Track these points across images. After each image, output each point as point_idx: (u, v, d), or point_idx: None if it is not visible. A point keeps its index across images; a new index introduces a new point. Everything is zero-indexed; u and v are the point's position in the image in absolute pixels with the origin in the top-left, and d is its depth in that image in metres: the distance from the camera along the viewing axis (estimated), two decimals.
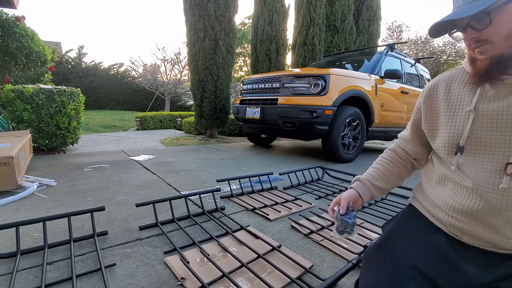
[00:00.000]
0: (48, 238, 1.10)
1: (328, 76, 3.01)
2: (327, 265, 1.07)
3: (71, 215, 1.18)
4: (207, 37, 4.89)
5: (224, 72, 5.10)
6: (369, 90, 3.34)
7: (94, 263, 1.02)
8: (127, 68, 16.19)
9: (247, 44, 17.26)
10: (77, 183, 2.02)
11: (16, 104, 2.84)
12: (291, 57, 6.29)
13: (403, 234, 0.68)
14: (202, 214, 1.50)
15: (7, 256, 1.02)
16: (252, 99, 3.71)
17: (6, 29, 3.68)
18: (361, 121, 3.32)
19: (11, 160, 1.72)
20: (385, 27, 22.77)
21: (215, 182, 2.02)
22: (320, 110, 2.95)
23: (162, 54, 20.80)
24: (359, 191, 0.79)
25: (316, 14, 5.70)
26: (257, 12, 5.79)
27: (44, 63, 4.16)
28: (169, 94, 14.32)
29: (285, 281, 0.94)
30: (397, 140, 0.88)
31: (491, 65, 0.55)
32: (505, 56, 0.53)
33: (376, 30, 6.79)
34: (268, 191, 1.96)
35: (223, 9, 4.90)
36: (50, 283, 0.89)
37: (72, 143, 3.49)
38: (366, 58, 4.04)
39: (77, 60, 15.23)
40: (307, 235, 1.30)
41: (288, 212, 1.58)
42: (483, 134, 0.58)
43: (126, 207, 1.58)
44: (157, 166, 2.67)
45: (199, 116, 5.29)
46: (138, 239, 1.21)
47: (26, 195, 1.71)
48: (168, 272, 0.98)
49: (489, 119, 0.58)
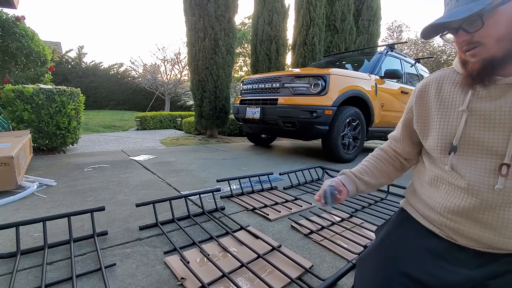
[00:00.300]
0: (48, 238, 1.10)
1: (328, 76, 3.01)
2: (327, 265, 1.07)
3: (71, 215, 1.18)
4: (207, 37, 4.89)
5: (224, 72, 5.10)
6: (369, 90, 3.34)
7: (94, 263, 1.02)
8: (127, 68, 16.21)
9: (247, 44, 17.26)
10: (77, 183, 2.02)
11: (16, 104, 2.84)
12: (291, 57, 6.29)
13: (395, 240, 0.68)
14: (202, 214, 1.50)
15: (7, 256, 1.02)
16: (252, 99, 3.71)
17: (6, 29, 3.68)
18: (361, 121, 3.32)
19: (11, 160, 1.72)
20: (385, 27, 22.82)
21: (215, 182, 2.02)
22: (320, 110, 2.95)
23: (162, 54, 20.84)
24: (342, 180, 0.81)
25: (316, 14, 5.70)
26: (257, 12, 5.79)
27: (44, 63, 4.16)
28: (169, 94, 14.32)
29: (285, 281, 0.94)
30: (387, 141, 0.88)
31: (483, 67, 0.55)
32: (496, 59, 0.54)
33: (376, 30, 6.79)
34: (268, 191, 1.96)
35: (223, 9, 4.90)
36: (50, 283, 0.89)
37: (72, 143, 3.49)
38: (366, 58, 4.04)
39: (77, 60, 15.23)
40: (307, 235, 1.30)
41: (288, 212, 1.58)
42: (476, 133, 0.59)
43: (126, 207, 1.58)
44: (157, 166, 2.67)
45: (199, 116, 5.29)
46: (138, 239, 1.21)
47: (26, 195, 1.71)
48: (168, 272, 0.98)
49: (482, 118, 0.58)
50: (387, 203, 1.80)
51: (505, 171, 0.54)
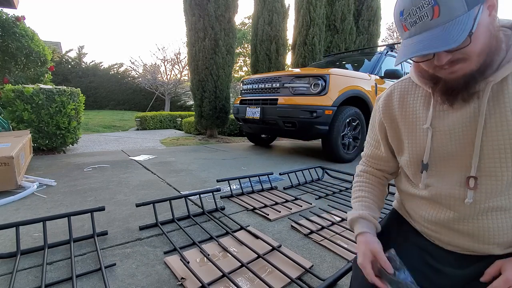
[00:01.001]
0: (48, 238, 1.10)
1: (328, 76, 3.01)
2: (327, 265, 1.07)
3: (71, 215, 1.18)
4: (207, 37, 4.89)
5: (224, 72, 5.10)
6: (369, 90, 3.34)
7: (94, 263, 1.02)
8: (127, 68, 16.19)
9: (247, 44, 17.26)
10: (77, 183, 2.02)
11: (16, 104, 2.84)
12: (291, 57, 6.29)
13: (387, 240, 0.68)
14: (202, 214, 1.50)
15: (7, 256, 1.02)
16: (252, 99, 3.71)
17: (6, 29, 3.68)
18: (361, 121, 3.32)
19: (11, 160, 1.72)
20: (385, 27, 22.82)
21: (215, 182, 2.02)
22: (320, 110, 2.95)
23: (162, 54, 20.84)
24: (372, 232, 0.66)
25: (316, 14, 5.70)
26: (257, 12, 5.79)
27: (44, 63, 4.16)
28: (169, 94, 14.32)
29: (285, 281, 0.94)
30: (364, 160, 0.81)
31: (465, 83, 0.52)
32: (475, 72, 0.50)
33: (376, 30, 6.79)
34: (268, 191, 1.96)
35: (223, 9, 4.90)
36: (50, 283, 0.89)
37: (72, 143, 3.49)
38: (366, 58, 4.04)
39: (77, 60, 15.22)
40: (307, 235, 1.30)
41: (288, 212, 1.58)
42: (442, 148, 0.58)
43: (126, 207, 1.58)
44: (157, 166, 2.67)
45: (199, 116, 5.29)
46: (138, 239, 1.21)
47: (26, 195, 1.71)
48: (168, 272, 0.98)
49: (446, 133, 0.57)
50: (387, 203, 1.79)
51: (473, 184, 0.54)
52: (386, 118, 0.69)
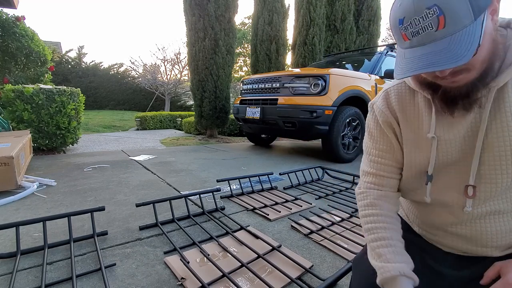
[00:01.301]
0: (48, 238, 1.10)
1: (328, 76, 3.01)
2: (327, 265, 1.07)
3: (71, 215, 1.18)
4: (207, 37, 4.89)
5: (224, 72, 5.10)
6: (369, 90, 3.34)
7: (94, 263, 1.02)
8: (127, 68, 16.19)
9: (247, 44, 17.26)
10: (77, 183, 2.02)
11: (16, 104, 2.84)
12: (291, 57, 6.29)
13: None
14: (202, 214, 1.50)
15: (7, 256, 1.02)
16: (252, 99, 3.71)
17: (6, 29, 3.68)
18: (361, 121, 3.32)
19: (11, 160, 1.72)
20: (385, 27, 22.79)
21: (215, 182, 2.02)
22: (320, 110, 2.95)
23: (162, 54, 20.82)
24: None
25: (316, 14, 5.70)
26: (257, 12, 5.79)
27: (44, 63, 4.16)
28: (169, 94, 14.32)
29: (285, 281, 0.94)
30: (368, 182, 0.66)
31: (467, 92, 0.49)
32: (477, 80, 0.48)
33: (376, 30, 6.79)
34: (268, 191, 1.96)
35: (223, 9, 4.90)
36: (50, 283, 0.89)
37: (72, 143, 3.49)
38: (366, 58, 4.04)
39: (77, 60, 15.22)
40: (307, 235, 1.30)
41: (288, 212, 1.58)
42: (446, 157, 0.56)
43: (126, 207, 1.58)
44: (157, 166, 2.67)
45: (199, 116, 5.29)
46: (138, 239, 1.21)
47: (26, 195, 1.71)
48: (168, 272, 0.98)
49: (450, 142, 0.55)
50: None
51: (471, 192, 0.53)
52: (385, 123, 0.64)
